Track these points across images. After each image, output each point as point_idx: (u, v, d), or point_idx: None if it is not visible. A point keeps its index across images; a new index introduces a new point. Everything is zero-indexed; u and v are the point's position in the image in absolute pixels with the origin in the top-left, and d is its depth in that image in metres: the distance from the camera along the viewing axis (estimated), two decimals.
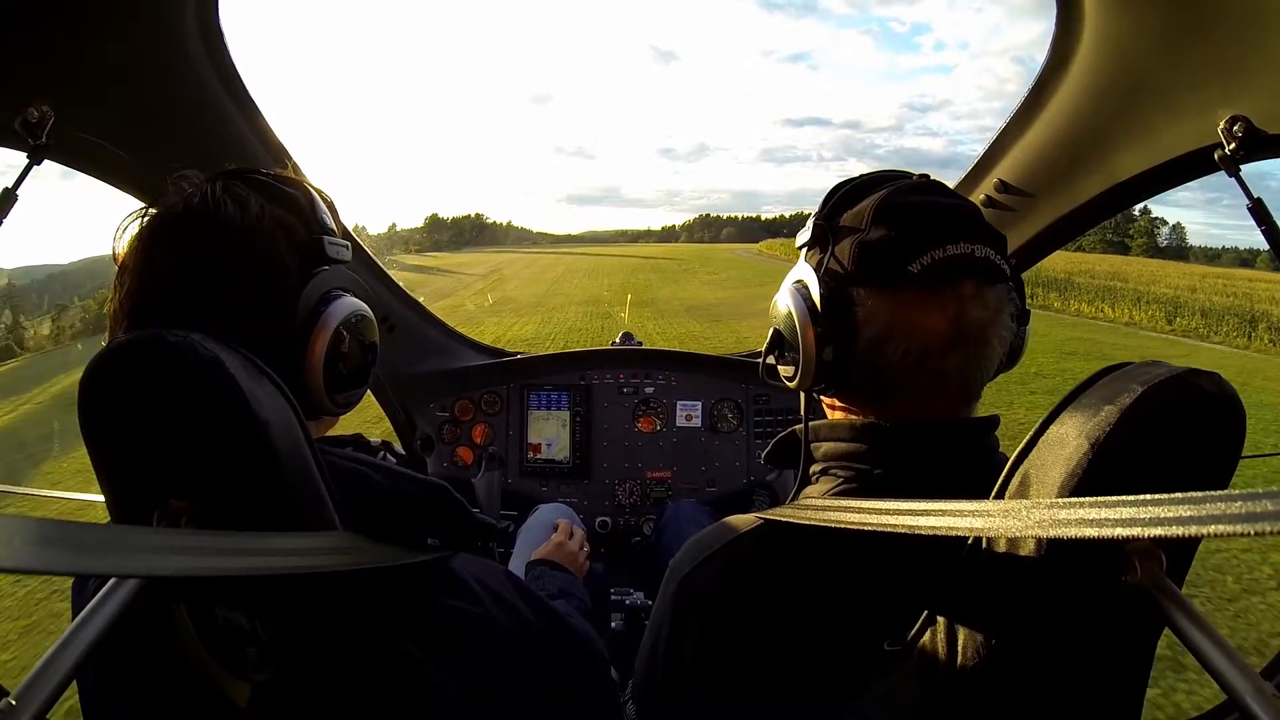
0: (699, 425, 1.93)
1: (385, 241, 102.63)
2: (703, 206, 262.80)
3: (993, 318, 0.59)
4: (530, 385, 1.95)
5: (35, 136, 0.81)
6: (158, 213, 0.58)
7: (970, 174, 1.17)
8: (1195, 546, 0.50)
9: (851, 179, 0.67)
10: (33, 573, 0.34)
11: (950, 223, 0.59)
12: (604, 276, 28.83)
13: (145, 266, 0.57)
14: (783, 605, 0.58)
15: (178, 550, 0.40)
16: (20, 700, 0.35)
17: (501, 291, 22.54)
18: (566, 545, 1.24)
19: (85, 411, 0.45)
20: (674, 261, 39.83)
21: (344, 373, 0.63)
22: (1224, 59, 0.75)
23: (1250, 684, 0.35)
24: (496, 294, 21.90)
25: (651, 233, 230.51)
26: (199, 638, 0.49)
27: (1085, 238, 27.18)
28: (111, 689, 0.56)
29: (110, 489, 0.48)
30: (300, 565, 0.46)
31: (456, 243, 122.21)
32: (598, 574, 1.71)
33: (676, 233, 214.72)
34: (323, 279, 0.62)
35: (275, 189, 0.63)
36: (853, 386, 0.65)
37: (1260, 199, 0.79)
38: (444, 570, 0.62)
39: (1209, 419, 0.44)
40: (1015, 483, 0.49)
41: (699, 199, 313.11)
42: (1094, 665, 0.49)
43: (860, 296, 0.60)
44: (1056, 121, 0.97)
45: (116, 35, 0.82)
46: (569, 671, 0.72)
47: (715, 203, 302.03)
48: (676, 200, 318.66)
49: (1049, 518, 0.40)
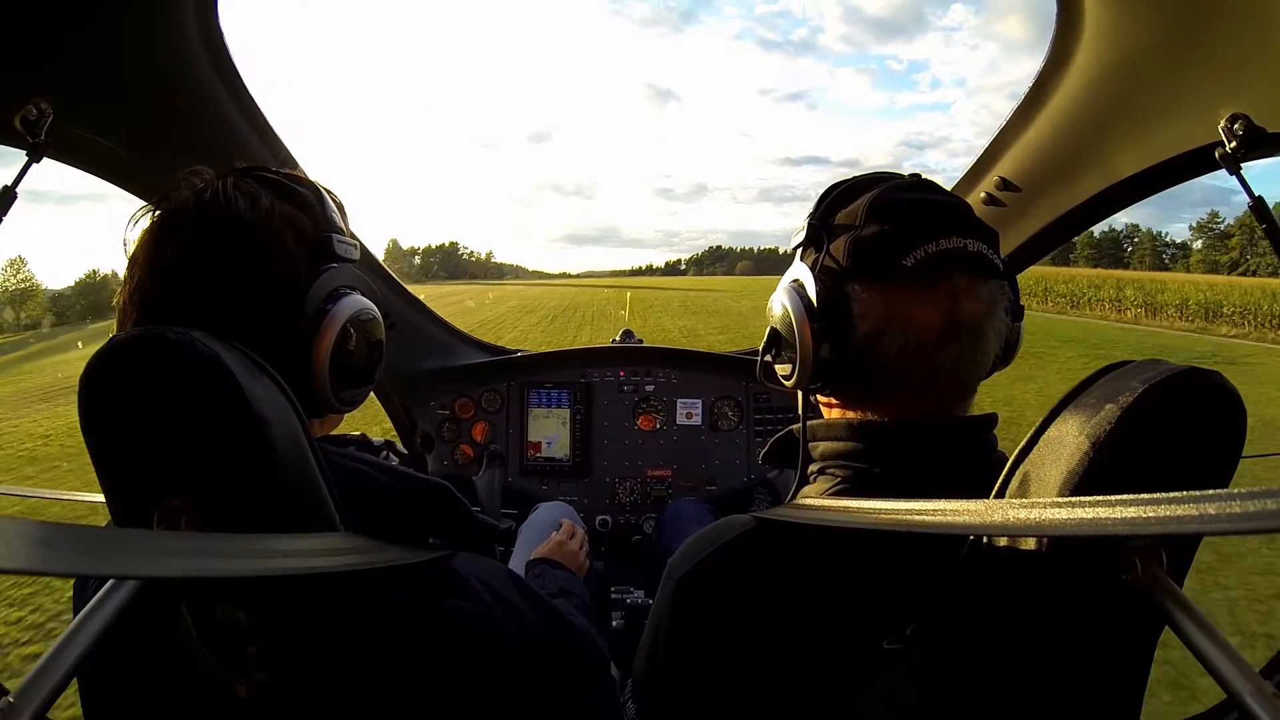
0: (699, 423, 1.93)
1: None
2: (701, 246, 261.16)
3: (986, 311, 0.59)
4: (530, 383, 1.94)
5: (34, 134, 0.81)
6: (169, 207, 0.59)
7: (971, 171, 1.17)
8: (1196, 545, 0.50)
9: (844, 180, 0.68)
10: (33, 574, 0.34)
11: (942, 218, 0.59)
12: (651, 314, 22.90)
13: (155, 260, 0.57)
14: (780, 604, 0.58)
15: (177, 552, 0.40)
16: (19, 700, 0.35)
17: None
18: (567, 544, 1.24)
19: (85, 409, 0.45)
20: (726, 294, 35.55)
21: (350, 370, 0.63)
22: (1224, 57, 0.75)
23: (1250, 684, 0.35)
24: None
25: (654, 269, 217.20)
26: (199, 638, 0.49)
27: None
28: (112, 689, 0.56)
29: (110, 487, 0.48)
30: (300, 566, 0.46)
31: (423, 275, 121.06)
32: (598, 572, 1.71)
33: (682, 267, 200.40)
34: (330, 276, 0.62)
35: (285, 187, 0.63)
36: (850, 384, 0.65)
37: (1261, 197, 0.79)
38: (445, 569, 0.62)
39: (1209, 417, 0.44)
40: (1016, 482, 0.49)
41: (697, 239, 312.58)
42: (1094, 664, 0.49)
43: (856, 292, 0.61)
44: (1057, 119, 0.97)
45: (116, 33, 0.82)
46: (570, 670, 0.72)
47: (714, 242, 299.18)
48: (675, 241, 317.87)
49: (1049, 517, 0.40)
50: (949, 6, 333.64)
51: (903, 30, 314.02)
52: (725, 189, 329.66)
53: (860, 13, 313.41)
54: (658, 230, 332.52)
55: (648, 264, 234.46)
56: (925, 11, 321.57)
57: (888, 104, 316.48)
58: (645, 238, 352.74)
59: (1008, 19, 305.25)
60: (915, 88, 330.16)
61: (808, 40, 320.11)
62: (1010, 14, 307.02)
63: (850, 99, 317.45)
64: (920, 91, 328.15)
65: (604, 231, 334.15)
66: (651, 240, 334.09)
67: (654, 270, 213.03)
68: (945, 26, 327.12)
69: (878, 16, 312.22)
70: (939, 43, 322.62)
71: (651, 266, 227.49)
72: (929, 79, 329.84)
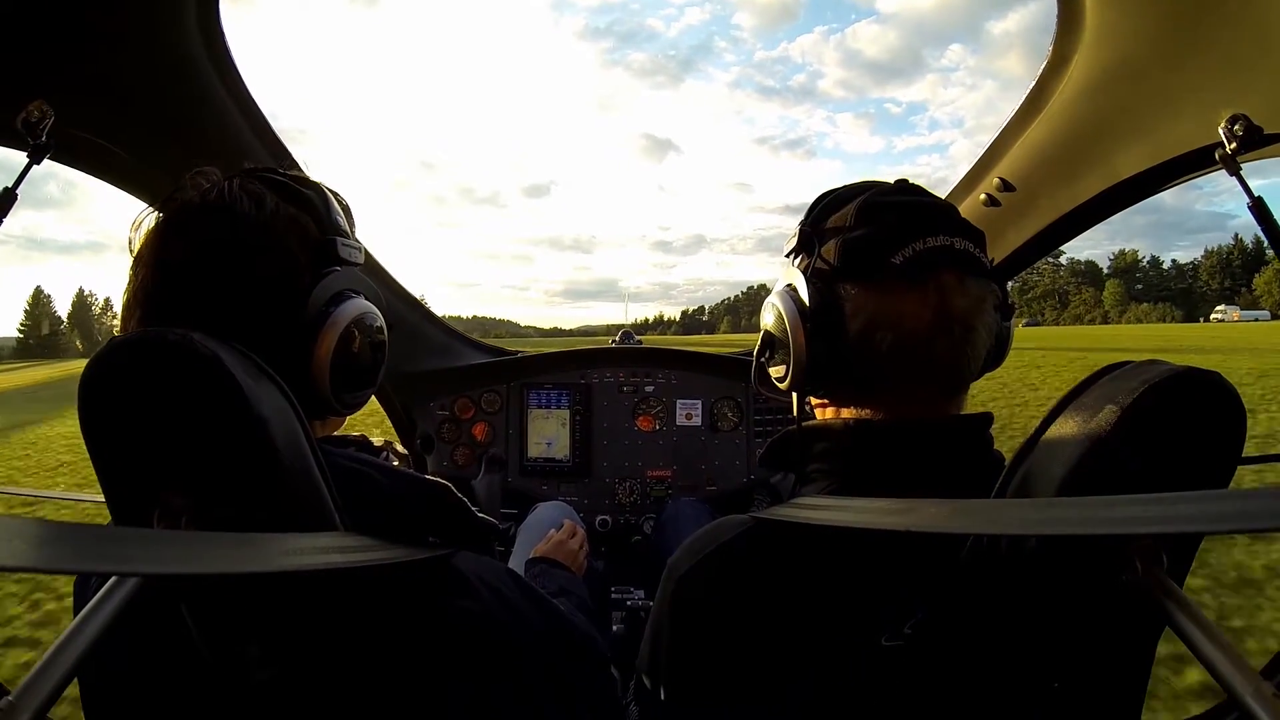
0: (699, 424, 1.93)
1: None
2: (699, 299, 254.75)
3: (975, 306, 0.60)
4: (530, 384, 1.94)
5: (35, 135, 0.81)
6: (175, 206, 0.59)
7: (971, 172, 1.17)
8: (1196, 545, 0.50)
9: (833, 189, 0.70)
10: (34, 571, 0.34)
11: (929, 218, 0.61)
12: None
13: (160, 257, 0.57)
14: (779, 603, 0.58)
15: (178, 550, 0.40)
16: (20, 699, 0.35)
17: None
18: (567, 544, 1.24)
19: (85, 409, 0.45)
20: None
21: (351, 373, 0.63)
22: (1225, 58, 0.75)
23: (1250, 684, 0.35)
24: None
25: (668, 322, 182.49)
26: (200, 637, 0.49)
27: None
28: (112, 689, 0.56)
29: (109, 487, 0.48)
30: (301, 564, 0.46)
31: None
32: (598, 572, 1.71)
33: (708, 321, 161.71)
34: (334, 279, 0.62)
35: (291, 189, 0.63)
36: (844, 383, 0.65)
37: (1261, 198, 0.79)
38: (445, 568, 0.62)
39: (1209, 418, 0.44)
40: (1016, 481, 0.49)
41: (695, 291, 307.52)
42: (1094, 664, 0.49)
43: (847, 291, 0.62)
44: (1057, 120, 0.97)
45: (117, 35, 0.82)
46: (570, 669, 0.72)
47: (712, 294, 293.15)
48: (673, 294, 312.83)
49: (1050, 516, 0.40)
50: (947, 47, 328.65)
51: (901, 73, 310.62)
52: (724, 239, 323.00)
53: (859, 56, 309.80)
54: (654, 284, 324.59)
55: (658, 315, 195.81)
56: (924, 53, 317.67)
57: (886, 148, 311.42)
58: (644, 291, 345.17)
59: (1007, 56, 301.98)
60: (914, 130, 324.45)
61: (806, 86, 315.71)
62: (1010, 51, 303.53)
63: (849, 144, 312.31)
64: (919, 134, 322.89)
65: (602, 285, 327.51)
66: (649, 294, 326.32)
67: (666, 324, 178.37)
68: (943, 67, 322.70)
69: (876, 60, 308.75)
70: (937, 84, 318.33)
71: (663, 318, 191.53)
72: (927, 121, 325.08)
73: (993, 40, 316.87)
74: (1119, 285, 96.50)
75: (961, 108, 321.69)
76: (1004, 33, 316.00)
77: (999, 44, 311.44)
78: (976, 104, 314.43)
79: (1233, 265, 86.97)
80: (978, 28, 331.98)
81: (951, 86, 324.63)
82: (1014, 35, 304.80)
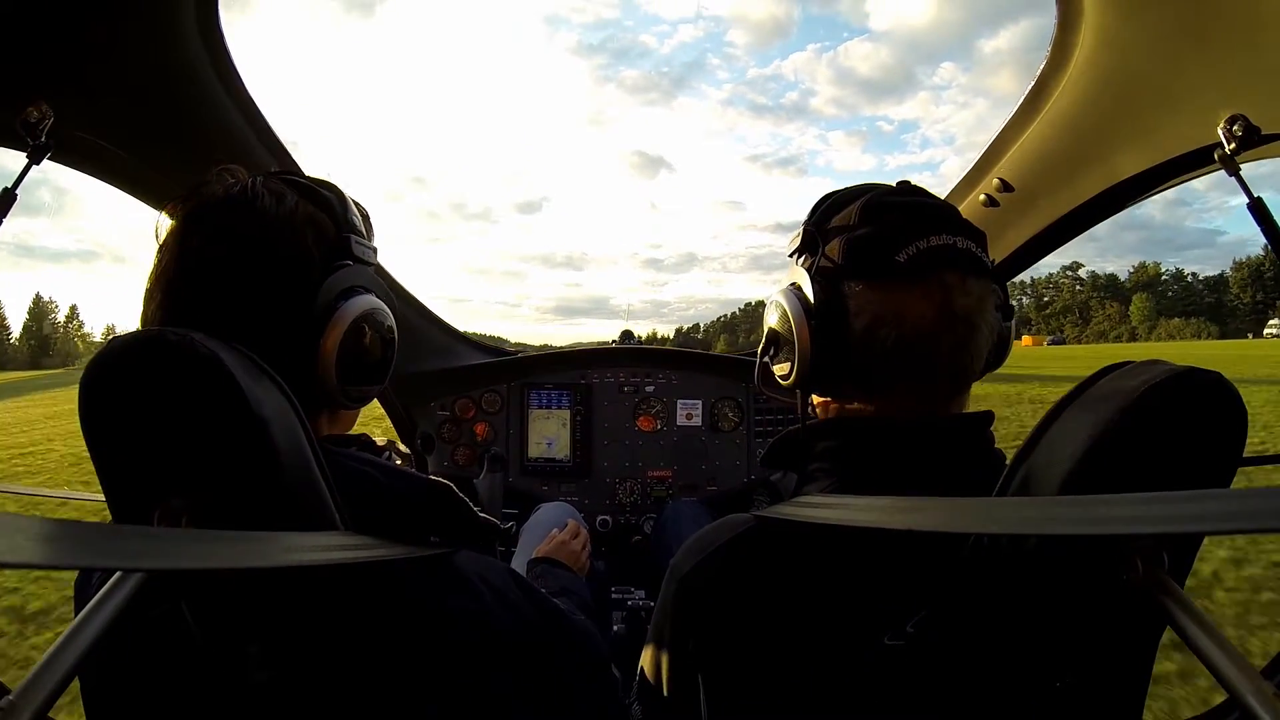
0: (699, 424, 1.93)
1: None
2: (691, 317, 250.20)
3: (978, 305, 0.61)
4: (531, 384, 1.94)
5: (35, 136, 0.81)
6: (200, 200, 0.61)
7: (971, 172, 1.17)
8: (1198, 545, 0.50)
9: (836, 190, 0.70)
10: (35, 567, 0.34)
11: (932, 217, 0.61)
12: None
13: (181, 245, 0.59)
14: (782, 602, 0.58)
15: (180, 547, 0.40)
16: (20, 699, 0.35)
17: None
18: (569, 544, 1.24)
19: (85, 409, 0.46)
20: None
21: (359, 367, 0.64)
22: (1224, 59, 0.75)
23: (1251, 684, 0.35)
24: None
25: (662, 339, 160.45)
26: (201, 637, 0.49)
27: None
28: (113, 688, 0.56)
29: (110, 487, 0.48)
30: (301, 560, 0.46)
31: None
32: (599, 572, 1.71)
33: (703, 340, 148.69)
34: (345, 274, 0.63)
35: (312, 190, 0.65)
36: (847, 380, 0.65)
37: (1260, 198, 0.79)
38: (446, 567, 0.62)
39: (1210, 417, 0.44)
40: (1018, 480, 0.49)
41: (687, 309, 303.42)
42: (1096, 663, 0.49)
43: (851, 289, 0.62)
44: (1057, 120, 0.97)
45: (117, 35, 0.82)
46: (571, 669, 0.72)
47: (704, 312, 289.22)
48: (664, 312, 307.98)
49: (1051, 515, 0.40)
50: (939, 65, 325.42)
51: (894, 91, 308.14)
52: (716, 257, 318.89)
53: (852, 75, 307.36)
54: (645, 301, 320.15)
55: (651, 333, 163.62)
56: (916, 71, 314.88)
57: (878, 166, 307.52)
58: (635, 309, 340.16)
59: (999, 73, 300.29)
60: (905, 148, 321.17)
61: (799, 104, 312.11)
62: (1001, 69, 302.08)
63: (841, 162, 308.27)
64: (910, 152, 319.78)
65: (593, 303, 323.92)
66: (641, 312, 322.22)
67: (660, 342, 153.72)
68: (935, 85, 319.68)
69: (869, 78, 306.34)
70: (929, 102, 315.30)
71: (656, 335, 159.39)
72: (919, 139, 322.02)
73: (984, 58, 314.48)
74: (1146, 299, 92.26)
75: (953, 125, 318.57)
76: (995, 51, 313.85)
77: (990, 62, 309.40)
78: (967, 122, 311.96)
79: (1264, 276, 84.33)
80: (969, 46, 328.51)
81: (943, 104, 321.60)
82: (1005, 54, 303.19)
